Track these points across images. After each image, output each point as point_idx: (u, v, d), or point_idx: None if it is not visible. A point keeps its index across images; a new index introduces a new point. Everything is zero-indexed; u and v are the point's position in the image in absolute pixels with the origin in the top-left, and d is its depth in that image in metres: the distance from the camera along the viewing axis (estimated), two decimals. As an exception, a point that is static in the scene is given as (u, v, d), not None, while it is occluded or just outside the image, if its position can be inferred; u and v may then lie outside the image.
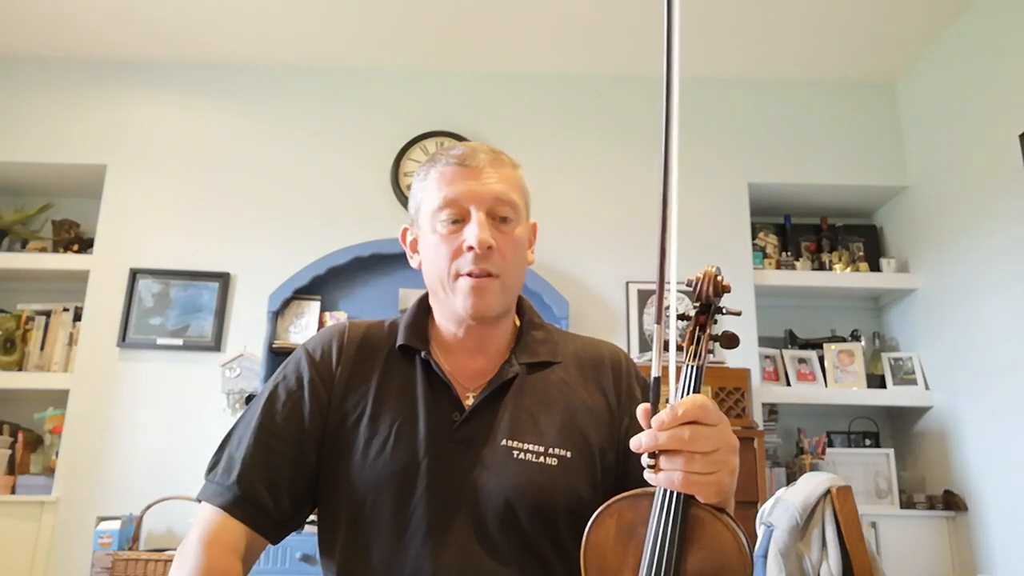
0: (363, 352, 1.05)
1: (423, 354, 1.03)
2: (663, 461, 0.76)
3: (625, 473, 1.01)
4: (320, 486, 1.00)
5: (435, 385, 1.02)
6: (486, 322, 1.03)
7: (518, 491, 0.93)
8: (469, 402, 1.01)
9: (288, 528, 0.98)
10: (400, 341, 1.05)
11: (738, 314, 0.84)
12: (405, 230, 1.10)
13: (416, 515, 0.93)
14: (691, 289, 0.87)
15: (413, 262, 1.09)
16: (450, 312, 1.03)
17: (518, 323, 1.11)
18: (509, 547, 0.92)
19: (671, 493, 0.77)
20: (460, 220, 0.99)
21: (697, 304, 0.87)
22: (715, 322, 0.86)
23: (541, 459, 0.96)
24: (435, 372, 1.02)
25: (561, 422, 1.00)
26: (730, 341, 0.85)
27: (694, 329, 0.85)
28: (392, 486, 0.94)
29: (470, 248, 0.97)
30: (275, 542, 0.97)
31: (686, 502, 0.77)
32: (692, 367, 0.82)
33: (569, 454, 0.97)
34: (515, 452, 0.96)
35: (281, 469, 0.96)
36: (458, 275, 0.98)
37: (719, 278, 0.86)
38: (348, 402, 1.01)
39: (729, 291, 0.86)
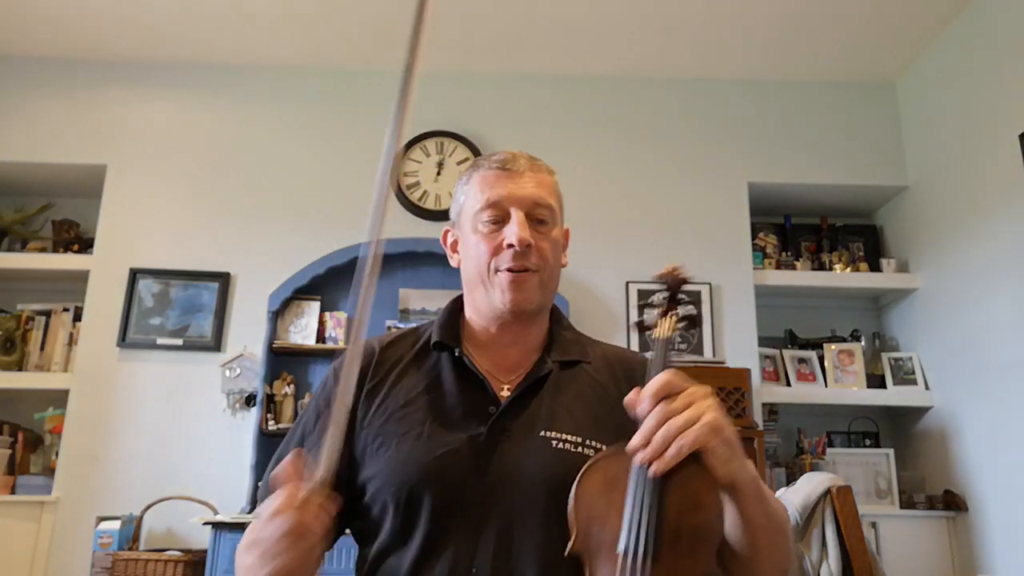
0: (387, 362, 1.10)
1: (456, 351, 1.07)
2: (656, 438, 0.84)
3: None
4: (360, 479, 1.03)
5: (469, 380, 1.05)
6: (522, 318, 1.07)
7: (561, 479, 0.93)
8: (505, 394, 1.04)
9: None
10: (435, 339, 1.09)
11: (691, 303, 0.99)
12: (446, 232, 1.16)
13: (456, 504, 0.96)
14: (663, 282, 1.02)
15: (453, 261, 1.15)
16: (488, 308, 1.07)
17: (547, 325, 1.16)
18: (548, 535, 0.94)
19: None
20: (500, 220, 1.05)
21: (667, 293, 1.00)
22: (678, 304, 1.00)
23: (580, 449, 0.98)
24: (469, 367, 1.06)
25: (595, 416, 1.03)
26: (692, 321, 0.99)
27: (666, 311, 0.99)
28: (431, 475, 0.97)
29: (510, 246, 1.03)
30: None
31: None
32: (663, 340, 0.95)
33: (605, 447, 0.98)
34: (554, 442, 0.99)
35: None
36: (497, 270, 1.04)
37: (676, 271, 1.01)
38: (376, 408, 1.05)
39: (687, 282, 1.02)
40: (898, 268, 3.42)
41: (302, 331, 3.18)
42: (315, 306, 3.22)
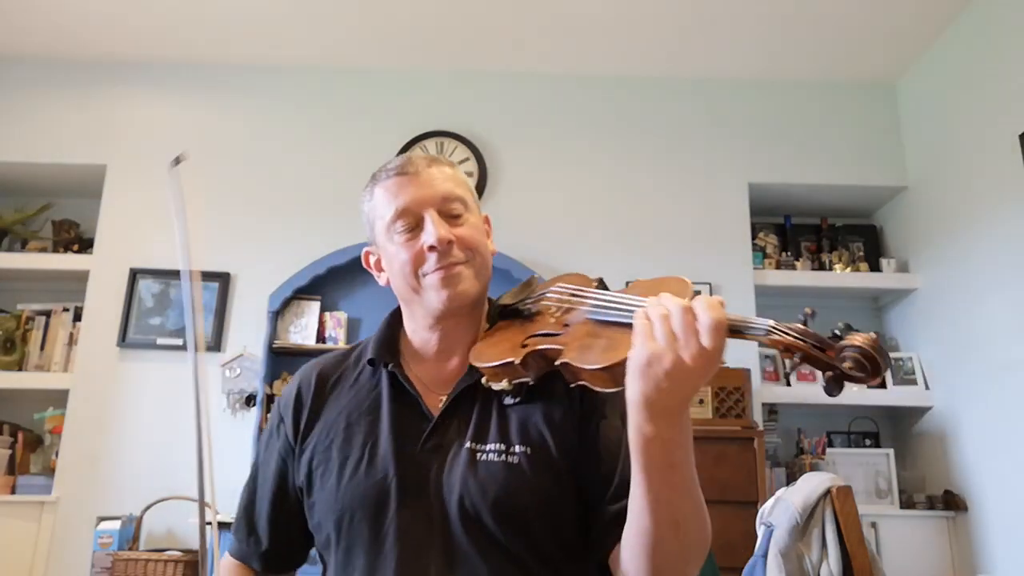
0: (326, 386, 1.10)
1: (390, 367, 1.05)
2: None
3: (595, 468, 0.98)
4: (308, 511, 1.05)
5: (404, 397, 1.03)
6: (463, 313, 1.04)
7: (479, 490, 0.93)
8: (441, 406, 1.02)
9: (280, 557, 1.12)
10: (369, 355, 1.07)
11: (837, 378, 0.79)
12: (367, 254, 1.12)
13: (392, 528, 0.95)
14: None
15: (381, 280, 1.10)
16: (426, 315, 1.04)
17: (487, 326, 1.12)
18: (480, 550, 0.93)
19: None
20: (415, 227, 1.01)
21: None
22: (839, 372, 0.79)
23: (503, 457, 0.96)
24: (402, 384, 1.04)
25: (525, 418, 0.99)
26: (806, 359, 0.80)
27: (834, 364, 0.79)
28: (367, 502, 0.97)
29: (431, 248, 0.99)
30: (269, 569, 1.12)
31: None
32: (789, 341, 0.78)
33: (529, 450, 0.96)
34: (478, 454, 0.97)
35: (261, 512, 1.12)
36: (425, 275, 1.01)
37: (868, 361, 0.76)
38: (317, 434, 1.06)
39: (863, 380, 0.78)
40: (898, 268, 3.42)
41: (302, 331, 3.18)
42: (315, 306, 3.22)
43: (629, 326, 0.81)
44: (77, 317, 3.26)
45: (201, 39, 3.36)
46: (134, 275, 3.22)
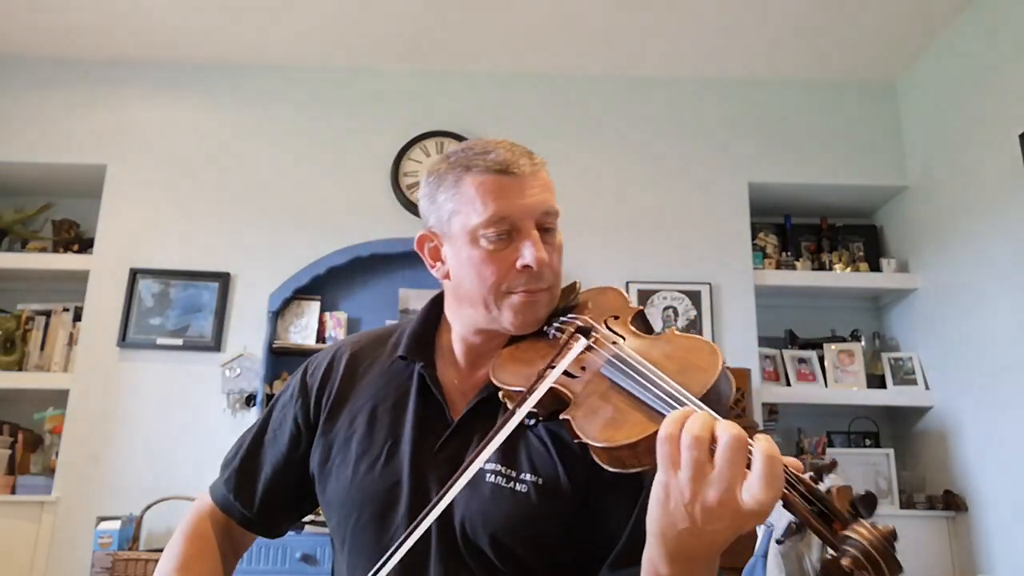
0: (358, 368, 1.06)
1: (420, 367, 1.01)
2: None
3: (597, 511, 0.92)
4: (320, 496, 1.03)
5: (429, 400, 0.99)
6: None
7: (481, 517, 0.89)
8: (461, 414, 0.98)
9: (264, 522, 1.08)
10: (400, 352, 1.03)
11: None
12: (423, 238, 1.02)
13: (397, 536, 0.91)
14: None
15: (436, 272, 1.01)
16: (486, 325, 0.97)
17: None
18: (479, 572, 0.90)
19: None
20: (508, 235, 0.93)
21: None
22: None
23: (512, 484, 0.90)
24: (430, 386, 0.99)
25: (537, 446, 0.93)
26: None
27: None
28: (376, 505, 0.94)
29: (526, 267, 0.92)
30: (248, 528, 1.09)
31: None
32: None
33: (540, 481, 0.91)
34: (487, 475, 0.91)
35: (260, 472, 1.08)
36: (509, 292, 0.94)
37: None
38: (341, 418, 1.02)
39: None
40: (898, 268, 3.42)
41: (302, 331, 3.18)
42: (315, 306, 3.22)
43: (641, 403, 0.75)
44: (77, 317, 3.26)
45: (201, 40, 3.35)
46: (134, 275, 3.22)
